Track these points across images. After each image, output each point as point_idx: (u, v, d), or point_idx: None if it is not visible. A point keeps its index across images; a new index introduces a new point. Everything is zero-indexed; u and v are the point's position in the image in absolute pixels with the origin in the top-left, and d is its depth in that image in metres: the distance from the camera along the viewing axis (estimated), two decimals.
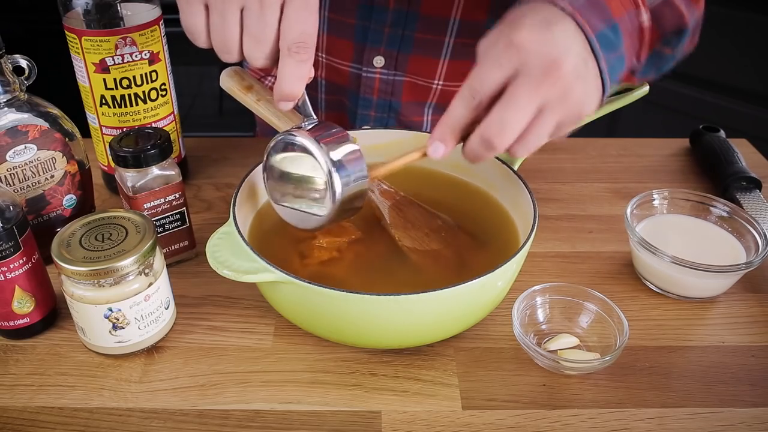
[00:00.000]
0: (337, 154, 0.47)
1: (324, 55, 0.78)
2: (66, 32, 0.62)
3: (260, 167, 0.57)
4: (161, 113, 0.67)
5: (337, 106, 0.82)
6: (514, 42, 0.44)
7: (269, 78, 0.86)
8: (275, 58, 0.47)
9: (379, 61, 0.76)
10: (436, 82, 0.77)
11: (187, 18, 0.47)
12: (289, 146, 0.48)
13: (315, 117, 0.50)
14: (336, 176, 0.46)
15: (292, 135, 0.48)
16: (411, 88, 0.78)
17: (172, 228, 0.59)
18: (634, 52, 0.51)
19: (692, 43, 0.58)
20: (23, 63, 0.57)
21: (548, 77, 0.43)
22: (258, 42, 0.46)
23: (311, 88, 0.80)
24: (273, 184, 0.51)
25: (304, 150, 0.47)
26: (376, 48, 0.75)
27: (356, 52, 0.76)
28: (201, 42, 0.48)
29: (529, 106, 0.44)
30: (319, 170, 0.47)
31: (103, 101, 0.64)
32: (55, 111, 0.58)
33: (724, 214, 0.61)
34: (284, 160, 0.49)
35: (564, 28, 0.45)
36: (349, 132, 0.62)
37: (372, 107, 0.79)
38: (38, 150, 0.57)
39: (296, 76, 0.46)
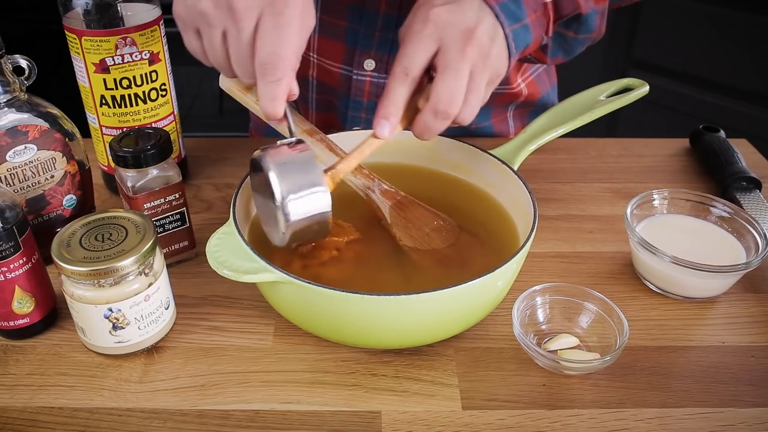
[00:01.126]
0: (294, 182, 0.46)
1: (315, 56, 0.78)
2: (66, 32, 0.62)
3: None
4: (161, 113, 0.67)
5: (328, 106, 0.82)
6: (430, 18, 0.49)
7: None
8: None
9: (369, 64, 0.76)
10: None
11: (186, 43, 0.52)
12: (258, 164, 0.47)
13: (293, 138, 0.49)
14: (288, 205, 0.45)
15: (261, 154, 0.47)
16: None
17: (172, 228, 0.59)
18: (541, 27, 0.56)
19: (599, 32, 0.63)
20: (23, 63, 0.57)
21: (468, 42, 0.48)
22: (239, 63, 0.48)
23: (303, 86, 0.80)
24: (255, 193, 0.51)
25: (266, 172, 0.46)
26: (367, 51, 0.75)
27: (347, 55, 0.76)
28: (204, 62, 0.52)
29: (463, 71, 0.49)
30: (275, 195, 0.46)
31: (103, 101, 0.64)
32: (55, 111, 0.58)
33: (724, 214, 0.61)
34: (257, 175, 0.49)
35: (471, 3, 0.50)
36: (341, 133, 0.62)
37: (363, 109, 0.79)
38: (38, 150, 0.57)
39: (269, 96, 0.47)
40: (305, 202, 0.46)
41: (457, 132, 0.81)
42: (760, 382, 0.50)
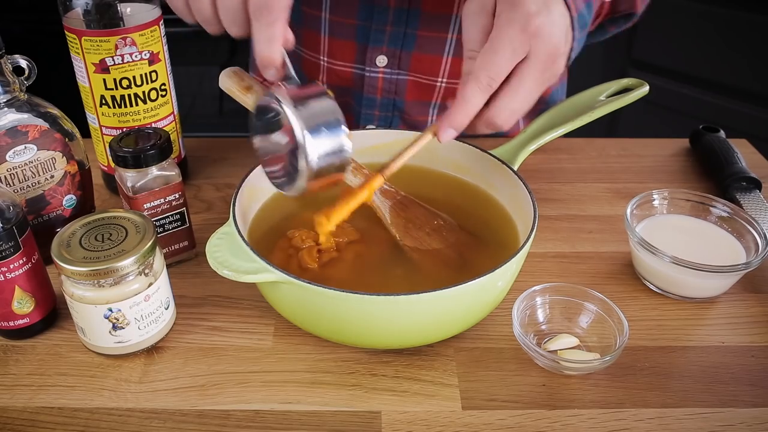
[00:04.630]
0: (313, 116, 0.44)
1: (326, 59, 0.78)
2: (66, 32, 0.62)
3: (260, 167, 0.57)
4: (161, 113, 0.67)
5: (342, 106, 0.82)
6: (529, 30, 0.45)
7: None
8: (249, 27, 0.47)
9: (381, 60, 0.76)
10: (440, 79, 0.77)
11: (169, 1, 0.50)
12: (269, 106, 0.46)
13: (296, 78, 0.47)
14: (309, 140, 0.44)
15: (270, 94, 0.45)
16: (415, 86, 0.78)
17: (172, 228, 0.59)
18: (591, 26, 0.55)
19: (628, 25, 0.64)
20: (23, 63, 0.57)
21: (551, 63, 0.46)
22: (228, 10, 0.46)
23: None
24: (260, 145, 0.49)
25: (280, 110, 0.45)
26: (379, 47, 0.75)
27: (359, 53, 0.76)
28: (187, 18, 0.49)
29: (534, 93, 0.47)
30: (292, 131, 0.44)
31: (103, 101, 0.64)
32: (55, 111, 0.58)
33: (724, 214, 0.61)
34: (265, 120, 0.47)
35: (559, 10, 0.47)
36: (353, 132, 0.62)
37: (376, 106, 0.79)
38: (38, 150, 0.57)
39: (265, 38, 0.45)
40: (326, 139, 0.45)
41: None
42: (760, 382, 0.50)
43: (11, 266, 0.49)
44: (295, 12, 0.75)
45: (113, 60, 0.61)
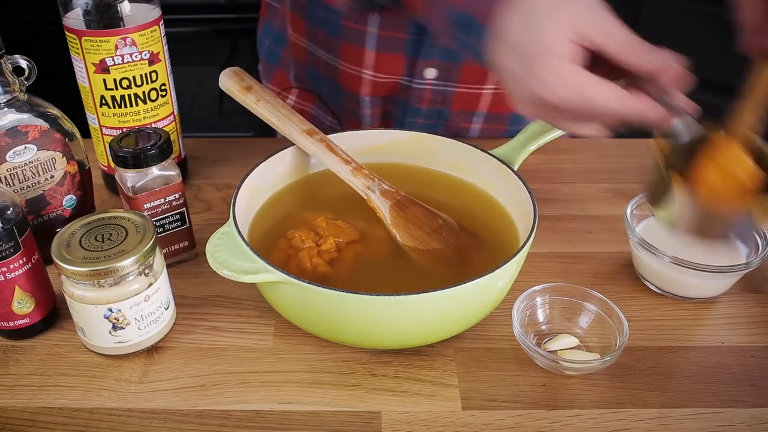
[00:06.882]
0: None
1: (370, 72, 0.76)
2: (66, 32, 0.62)
3: (260, 167, 0.57)
4: (161, 113, 0.67)
5: (383, 115, 0.81)
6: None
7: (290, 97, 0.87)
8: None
9: (431, 72, 0.75)
10: (486, 87, 0.77)
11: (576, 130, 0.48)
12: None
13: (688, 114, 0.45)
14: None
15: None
16: (462, 96, 0.77)
17: (172, 228, 0.59)
18: None
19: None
20: (23, 63, 0.57)
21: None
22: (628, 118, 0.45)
23: (353, 104, 0.79)
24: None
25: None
26: (429, 60, 0.74)
27: (407, 66, 0.75)
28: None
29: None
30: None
31: (103, 101, 0.64)
32: (55, 111, 0.58)
33: None
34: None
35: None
36: (342, 133, 0.62)
37: (421, 116, 0.79)
38: (38, 150, 0.57)
39: (654, 119, 0.45)
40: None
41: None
42: (760, 382, 0.50)
43: (11, 266, 0.49)
44: (331, 24, 0.74)
45: (113, 60, 0.61)
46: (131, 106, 0.64)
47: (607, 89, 0.43)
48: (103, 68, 0.62)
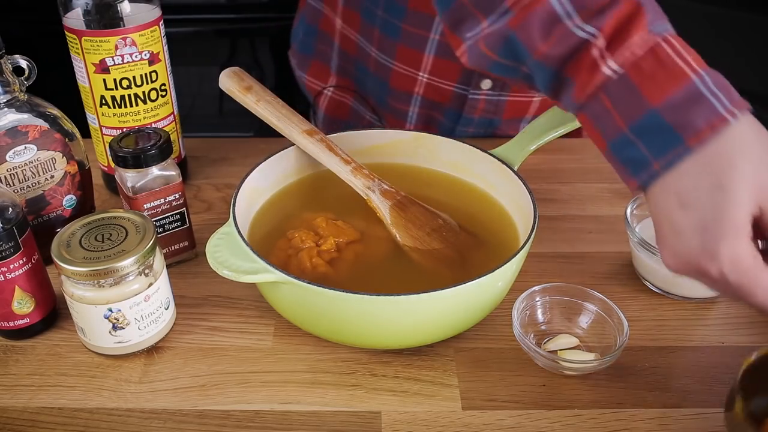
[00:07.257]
0: None
1: (426, 75, 0.77)
2: (66, 32, 0.62)
3: (260, 167, 0.57)
4: (161, 113, 0.67)
5: (428, 119, 0.81)
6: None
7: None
8: None
9: (486, 83, 0.75)
10: (537, 95, 0.77)
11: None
12: None
13: None
14: None
15: None
16: (513, 105, 0.78)
17: (172, 228, 0.59)
18: None
19: None
20: (23, 63, 0.57)
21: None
22: None
23: (404, 102, 0.79)
24: None
25: None
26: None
27: (464, 75, 0.75)
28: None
29: None
30: None
31: (103, 101, 0.64)
32: (55, 111, 0.58)
33: None
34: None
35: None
36: (341, 133, 0.62)
37: (472, 125, 0.79)
38: (38, 150, 0.57)
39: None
40: None
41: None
42: None
43: (11, 266, 0.49)
44: (390, 25, 0.74)
45: (113, 60, 0.61)
46: (131, 106, 0.64)
47: None
48: (103, 68, 0.62)
